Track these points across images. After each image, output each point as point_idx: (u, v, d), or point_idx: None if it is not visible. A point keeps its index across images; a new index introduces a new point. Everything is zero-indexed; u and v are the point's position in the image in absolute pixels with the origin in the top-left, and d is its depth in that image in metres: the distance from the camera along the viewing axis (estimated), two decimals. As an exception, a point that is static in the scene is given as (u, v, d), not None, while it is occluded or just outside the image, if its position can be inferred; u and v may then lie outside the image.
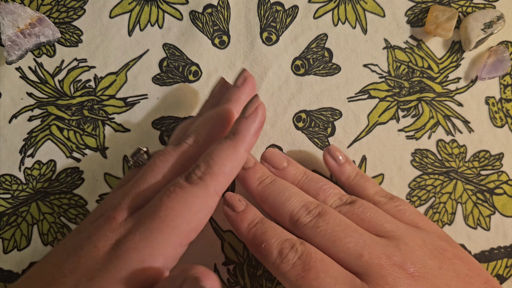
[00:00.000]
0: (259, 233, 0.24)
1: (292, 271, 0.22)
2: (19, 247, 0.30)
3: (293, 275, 0.22)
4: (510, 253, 0.31)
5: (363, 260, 0.22)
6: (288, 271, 0.22)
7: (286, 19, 0.33)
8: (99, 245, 0.21)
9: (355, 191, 0.28)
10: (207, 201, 0.22)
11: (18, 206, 0.31)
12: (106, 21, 0.32)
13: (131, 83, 0.32)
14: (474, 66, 0.32)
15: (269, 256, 0.23)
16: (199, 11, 0.33)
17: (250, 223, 0.25)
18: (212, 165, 0.22)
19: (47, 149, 0.31)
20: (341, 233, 0.23)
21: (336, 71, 0.32)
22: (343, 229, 0.24)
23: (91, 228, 0.22)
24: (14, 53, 0.30)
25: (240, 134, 0.23)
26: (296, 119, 0.32)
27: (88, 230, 0.22)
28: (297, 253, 0.22)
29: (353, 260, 0.23)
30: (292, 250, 0.23)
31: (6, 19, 0.30)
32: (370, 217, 0.25)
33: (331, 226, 0.24)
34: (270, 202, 0.26)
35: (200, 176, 0.22)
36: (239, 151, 0.23)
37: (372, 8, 0.33)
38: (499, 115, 0.32)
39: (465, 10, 0.33)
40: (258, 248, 0.24)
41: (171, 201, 0.21)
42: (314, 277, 0.21)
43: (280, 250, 0.23)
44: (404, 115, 0.32)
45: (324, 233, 0.23)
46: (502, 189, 0.31)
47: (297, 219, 0.24)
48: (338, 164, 0.29)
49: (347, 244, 0.23)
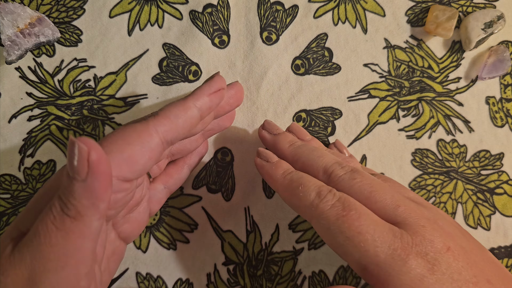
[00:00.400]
0: (295, 178, 0.24)
1: (332, 211, 0.22)
2: (19, 247, 0.30)
3: (333, 214, 0.22)
4: (511, 252, 0.31)
5: (400, 210, 0.22)
6: (327, 210, 0.22)
7: (286, 19, 0.33)
8: None
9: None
10: (144, 137, 0.22)
11: (18, 206, 0.31)
12: (106, 20, 0.32)
13: (131, 83, 0.32)
14: (474, 66, 0.32)
15: (307, 197, 0.23)
16: (199, 11, 0.33)
17: (285, 171, 0.25)
18: (162, 110, 0.23)
19: (47, 149, 0.31)
20: (377, 186, 0.23)
21: (336, 71, 0.32)
22: (378, 183, 0.24)
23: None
24: (14, 53, 0.30)
25: (192, 93, 0.24)
26: (296, 118, 0.32)
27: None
28: (336, 196, 0.22)
29: (390, 210, 0.22)
30: (331, 193, 0.23)
31: (5, 18, 0.30)
32: (395, 184, 0.26)
33: (367, 180, 0.24)
34: (303, 160, 0.26)
35: (145, 118, 0.23)
36: (188, 103, 0.23)
37: (372, 7, 0.33)
38: (500, 115, 0.32)
39: (465, 9, 0.33)
40: (295, 191, 0.23)
41: (118, 133, 0.22)
42: (356, 218, 0.21)
43: (319, 192, 0.23)
44: (405, 114, 0.32)
45: (360, 184, 0.23)
46: (502, 189, 0.31)
47: (332, 171, 0.24)
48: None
49: (385, 195, 0.23)
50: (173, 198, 0.31)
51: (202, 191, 0.31)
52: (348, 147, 0.32)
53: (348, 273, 0.31)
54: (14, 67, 0.32)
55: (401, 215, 0.22)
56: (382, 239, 0.20)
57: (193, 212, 0.31)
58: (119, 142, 0.21)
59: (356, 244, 0.20)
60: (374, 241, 0.20)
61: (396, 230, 0.21)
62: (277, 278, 0.30)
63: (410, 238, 0.21)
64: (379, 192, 0.23)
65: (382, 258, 0.20)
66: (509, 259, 0.30)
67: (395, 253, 0.20)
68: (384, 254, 0.20)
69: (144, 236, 0.31)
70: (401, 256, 0.20)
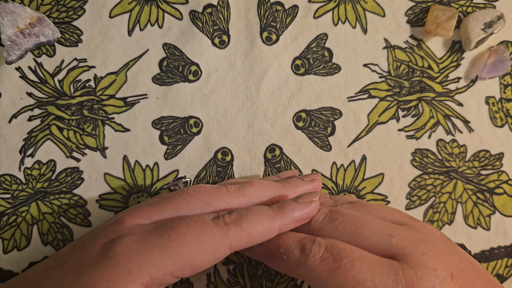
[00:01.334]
0: (272, 242, 0.22)
1: (322, 265, 0.20)
2: (19, 247, 0.30)
3: (324, 269, 0.20)
4: (510, 252, 0.31)
5: (394, 240, 0.21)
6: (317, 266, 0.20)
7: (286, 19, 0.33)
8: (97, 241, 0.21)
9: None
10: (219, 248, 0.21)
11: (18, 206, 0.31)
12: (106, 21, 0.32)
13: (131, 82, 0.32)
14: (474, 66, 0.32)
15: (291, 256, 0.21)
16: (199, 11, 0.33)
17: None
18: (244, 220, 0.21)
19: (47, 149, 0.31)
20: (362, 221, 0.22)
21: (336, 71, 0.32)
22: (361, 217, 0.22)
23: (98, 227, 0.22)
24: (14, 53, 0.30)
25: (283, 210, 0.22)
26: (296, 118, 0.32)
27: (95, 229, 0.22)
28: (322, 246, 0.21)
29: (384, 242, 0.21)
30: (315, 244, 0.21)
31: (5, 18, 0.30)
32: (377, 210, 0.24)
33: (349, 217, 0.22)
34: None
35: (227, 222, 0.21)
36: (274, 224, 0.22)
37: (372, 7, 0.33)
38: (499, 115, 0.32)
39: (465, 9, 0.33)
40: (276, 254, 0.22)
41: (187, 228, 0.20)
42: (350, 267, 0.19)
43: (302, 247, 0.21)
44: (404, 114, 0.32)
45: (344, 223, 0.22)
46: (502, 189, 0.31)
47: (311, 219, 0.23)
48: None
49: (373, 228, 0.21)
50: (173, 198, 0.31)
51: (202, 191, 0.31)
52: (348, 147, 0.32)
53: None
54: (14, 67, 0.32)
55: (397, 246, 0.21)
56: (384, 283, 0.19)
57: (193, 212, 0.31)
58: (192, 246, 0.20)
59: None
60: (376, 287, 0.19)
61: (396, 265, 0.20)
62: (277, 278, 0.30)
63: (413, 273, 0.19)
64: (365, 226, 0.22)
65: None
66: (509, 259, 0.31)
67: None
68: None
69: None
70: None
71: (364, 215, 0.23)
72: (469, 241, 0.31)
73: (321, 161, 0.31)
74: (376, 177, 0.31)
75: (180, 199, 0.23)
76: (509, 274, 0.31)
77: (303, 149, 0.32)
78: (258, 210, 0.22)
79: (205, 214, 0.22)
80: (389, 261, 0.20)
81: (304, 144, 0.32)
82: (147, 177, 0.31)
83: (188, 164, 0.31)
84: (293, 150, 0.32)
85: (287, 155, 0.32)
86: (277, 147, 0.32)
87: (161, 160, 0.31)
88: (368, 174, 0.31)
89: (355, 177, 0.32)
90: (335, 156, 0.32)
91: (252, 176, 0.32)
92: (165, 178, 0.31)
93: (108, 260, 0.19)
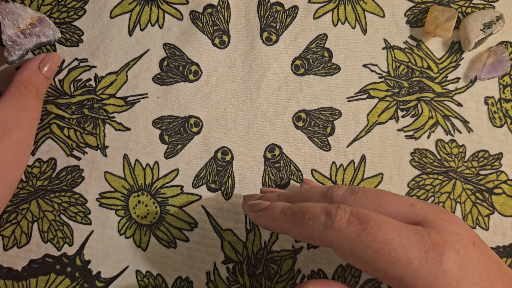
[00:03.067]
0: (297, 209, 0.22)
1: (350, 227, 0.20)
2: (19, 245, 0.30)
3: (353, 230, 0.20)
4: (509, 252, 0.31)
5: (416, 208, 0.21)
6: (345, 228, 0.20)
7: (286, 19, 0.33)
8: None
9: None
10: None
11: (18, 204, 0.31)
12: (107, 21, 0.33)
13: (132, 82, 0.32)
14: (473, 66, 0.32)
15: (317, 221, 0.21)
16: (199, 11, 0.33)
17: (283, 207, 0.23)
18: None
19: (48, 147, 0.31)
20: (383, 193, 0.22)
21: (336, 71, 0.32)
22: (382, 191, 0.22)
23: None
24: (15, 53, 0.30)
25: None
26: (296, 118, 0.32)
27: None
28: (347, 211, 0.20)
29: (407, 210, 0.21)
30: (341, 209, 0.20)
31: (6, 19, 0.30)
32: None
33: (370, 190, 0.22)
34: (298, 201, 0.24)
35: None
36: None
37: (371, 8, 0.33)
38: (498, 115, 0.32)
39: (464, 10, 0.33)
40: (302, 221, 0.21)
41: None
42: (377, 228, 0.19)
43: (327, 212, 0.21)
44: (404, 115, 0.32)
45: (366, 195, 0.22)
46: (501, 189, 0.31)
47: (331, 193, 0.23)
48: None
49: (395, 199, 0.22)
50: (173, 196, 0.31)
51: (202, 190, 0.31)
52: (347, 147, 0.32)
53: (347, 272, 0.31)
54: (15, 67, 0.32)
55: (420, 213, 0.21)
56: (411, 244, 0.19)
57: (193, 210, 0.31)
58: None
59: (386, 255, 0.19)
60: (404, 247, 0.19)
61: (421, 229, 0.20)
62: (276, 277, 0.31)
63: (439, 235, 0.19)
64: (387, 197, 0.22)
65: (416, 264, 0.19)
66: (507, 258, 0.31)
67: (428, 255, 0.19)
68: (417, 259, 0.19)
69: (144, 234, 0.31)
70: (435, 258, 0.19)
71: (384, 190, 0.23)
72: (468, 241, 0.31)
73: (320, 161, 0.32)
74: (375, 177, 0.31)
75: None
76: (508, 274, 0.31)
77: (302, 149, 0.32)
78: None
79: None
80: (414, 226, 0.20)
81: (304, 144, 0.32)
82: (147, 176, 0.31)
83: (188, 163, 0.32)
84: (292, 150, 0.32)
85: (286, 154, 0.32)
86: (276, 146, 0.32)
87: (161, 159, 0.32)
88: (367, 174, 0.32)
89: (354, 177, 0.32)
90: (335, 156, 0.32)
91: (252, 176, 0.32)
92: (165, 177, 0.31)
93: None
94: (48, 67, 0.31)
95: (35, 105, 0.30)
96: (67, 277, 0.30)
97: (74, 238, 0.31)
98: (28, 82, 0.30)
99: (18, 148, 0.28)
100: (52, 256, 0.31)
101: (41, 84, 0.31)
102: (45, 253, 0.31)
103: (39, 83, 0.30)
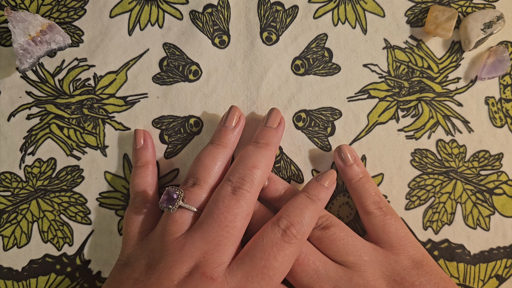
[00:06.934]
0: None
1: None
2: (19, 245, 0.30)
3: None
4: (510, 253, 0.31)
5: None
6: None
7: (286, 19, 0.33)
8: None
9: (353, 195, 0.30)
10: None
11: (18, 204, 0.31)
12: (107, 20, 0.33)
13: (131, 82, 0.32)
14: (473, 66, 0.32)
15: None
16: (199, 11, 0.33)
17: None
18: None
19: (48, 147, 0.31)
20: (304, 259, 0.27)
21: (336, 71, 0.32)
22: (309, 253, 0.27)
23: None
24: (26, 61, 0.30)
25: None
26: (296, 118, 0.32)
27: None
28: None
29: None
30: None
31: (17, 27, 0.30)
32: (337, 247, 0.27)
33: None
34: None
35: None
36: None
37: (372, 8, 0.33)
38: (499, 115, 0.32)
39: (464, 10, 0.33)
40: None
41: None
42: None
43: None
44: (404, 115, 0.32)
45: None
46: (501, 189, 0.31)
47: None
48: (345, 165, 0.30)
49: (302, 278, 0.26)
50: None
51: (201, 190, 0.31)
52: (347, 147, 0.32)
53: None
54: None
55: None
56: None
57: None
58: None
59: None
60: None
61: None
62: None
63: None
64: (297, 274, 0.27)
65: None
66: (508, 259, 0.30)
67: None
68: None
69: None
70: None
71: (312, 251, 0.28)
72: (468, 241, 0.31)
73: (320, 161, 0.32)
74: (376, 177, 0.31)
75: None
76: (509, 274, 0.30)
77: (303, 149, 0.32)
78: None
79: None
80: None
81: (304, 144, 0.32)
82: (147, 176, 0.31)
83: (188, 163, 0.32)
84: (293, 150, 0.32)
85: (287, 154, 0.32)
86: (276, 146, 0.32)
87: (161, 159, 0.32)
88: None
89: (354, 177, 0.32)
90: (335, 156, 0.32)
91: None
92: (165, 177, 0.31)
93: None
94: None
95: None
96: (67, 277, 0.30)
97: (74, 238, 0.31)
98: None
99: None
100: (52, 256, 0.31)
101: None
102: (45, 253, 0.31)
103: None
